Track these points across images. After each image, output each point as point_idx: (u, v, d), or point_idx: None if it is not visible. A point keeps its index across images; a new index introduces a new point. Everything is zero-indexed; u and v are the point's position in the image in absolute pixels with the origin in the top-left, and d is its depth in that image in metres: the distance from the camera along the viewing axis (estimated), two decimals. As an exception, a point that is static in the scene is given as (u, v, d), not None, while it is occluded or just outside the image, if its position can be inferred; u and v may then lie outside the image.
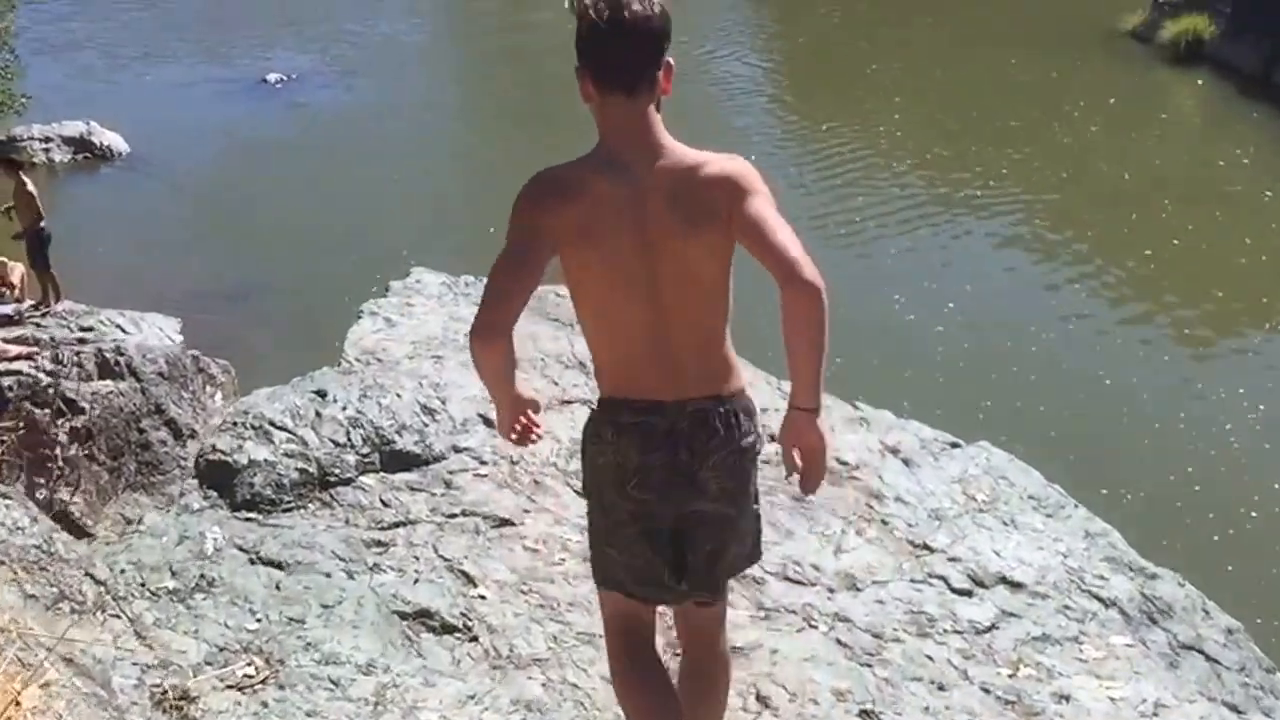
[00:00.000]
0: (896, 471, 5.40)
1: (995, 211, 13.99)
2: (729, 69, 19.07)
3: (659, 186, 2.50)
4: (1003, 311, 11.57)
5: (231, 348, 11.86)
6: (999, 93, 17.38)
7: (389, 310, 6.43)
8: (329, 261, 12.86)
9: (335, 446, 4.76)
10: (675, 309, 2.54)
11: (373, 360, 5.73)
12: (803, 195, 14.47)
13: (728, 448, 2.60)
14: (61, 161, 16.43)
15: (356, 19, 21.19)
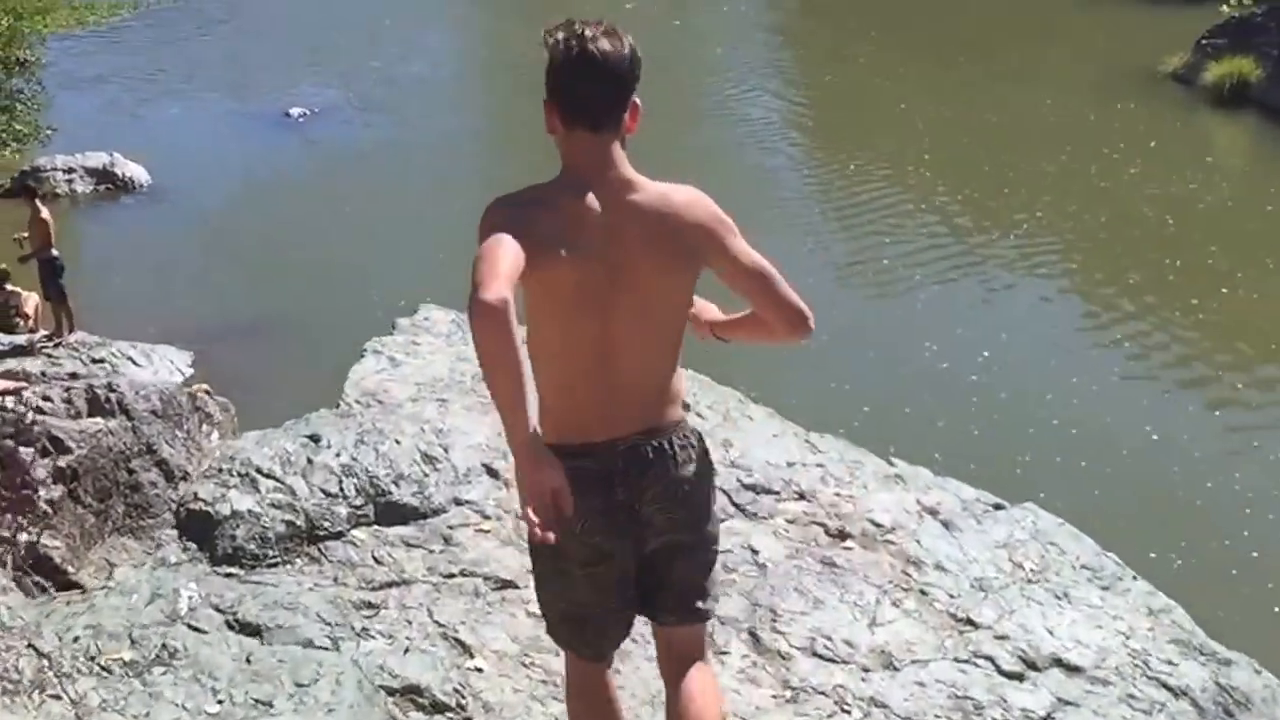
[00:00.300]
0: (936, 535, 4.97)
1: (1031, 257, 13.55)
2: (755, 108, 18.77)
3: (632, 220, 2.47)
4: (1040, 362, 11.10)
5: (241, 383, 11.58)
6: (1033, 135, 16.99)
7: (394, 349, 6.06)
8: (343, 297, 12.55)
9: (326, 497, 4.38)
10: (626, 344, 2.50)
11: (373, 402, 5.36)
12: (830, 238, 14.10)
13: (665, 479, 2.56)
14: (83, 192, 16.25)
15: (382, 56, 21.05)
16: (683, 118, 18.33)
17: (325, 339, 10.84)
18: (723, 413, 5.79)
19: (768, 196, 15.10)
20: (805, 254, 13.62)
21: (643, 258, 2.47)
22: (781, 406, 9.86)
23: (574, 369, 2.50)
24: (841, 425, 10.06)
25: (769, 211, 14.66)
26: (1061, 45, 20.74)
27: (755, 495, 5.13)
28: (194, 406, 6.38)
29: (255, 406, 10.71)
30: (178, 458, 5.92)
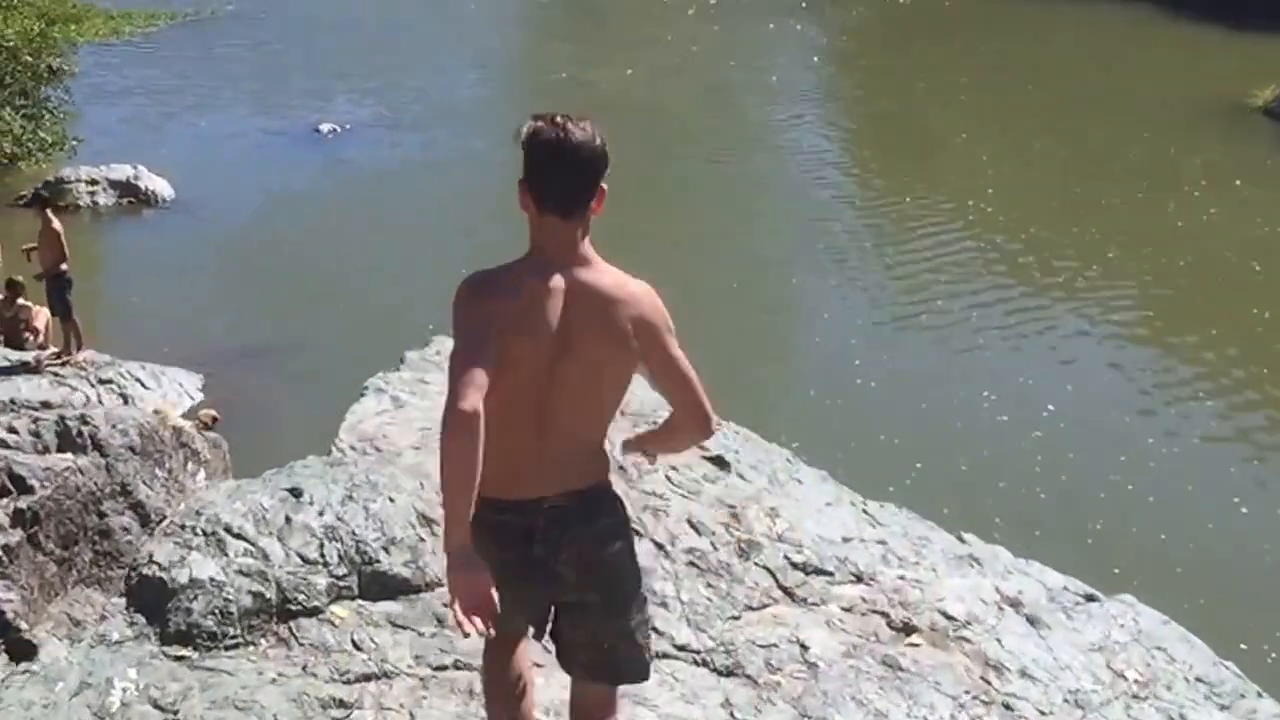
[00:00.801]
0: (1020, 633, 4.31)
1: (1102, 302, 12.82)
2: (807, 136, 18.17)
3: (586, 303, 2.68)
4: (1111, 419, 10.37)
5: (250, 410, 11.05)
6: (1106, 169, 16.25)
7: (398, 387, 5.48)
8: (362, 323, 12.04)
9: (303, 564, 3.78)
10: (563, 413, 2.71)
11: (369, 449, 4.77)
12: (883, 276, 13.43)
13: (582, 539, 2.73)
14: (106, 205, 15.88)
15: (417, 74, 20.67)
16: (732, 146, 17.78)
17: (340, 367, 10.30)
18: (769, 474, 5.16)
19: (818, 231, 14.49)
20: (856, 292, 12.99)
21: (590, 337, 2.67)
22: (828, 457, 9.23)
23: (513, 432, 2.68)
24: (892, 483, 9.41)
25: (818, 246, 14.06)
26: (1139, 73, 19.99)
27: (805, 576, 4.50)
28: (179, 443, 5.83)
29: (262, 438, 10.24)
30: (155, 500, 5.37)
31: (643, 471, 4.89)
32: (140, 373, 11.61)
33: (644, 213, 14.85)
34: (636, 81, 20.51)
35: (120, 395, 11.28)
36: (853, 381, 10.84)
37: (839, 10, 25.52)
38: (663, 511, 4.59)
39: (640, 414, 5.65)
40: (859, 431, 9.88)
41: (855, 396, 10.60)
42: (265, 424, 10.70)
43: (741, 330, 12.00)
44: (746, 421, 6.51)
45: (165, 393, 11.46)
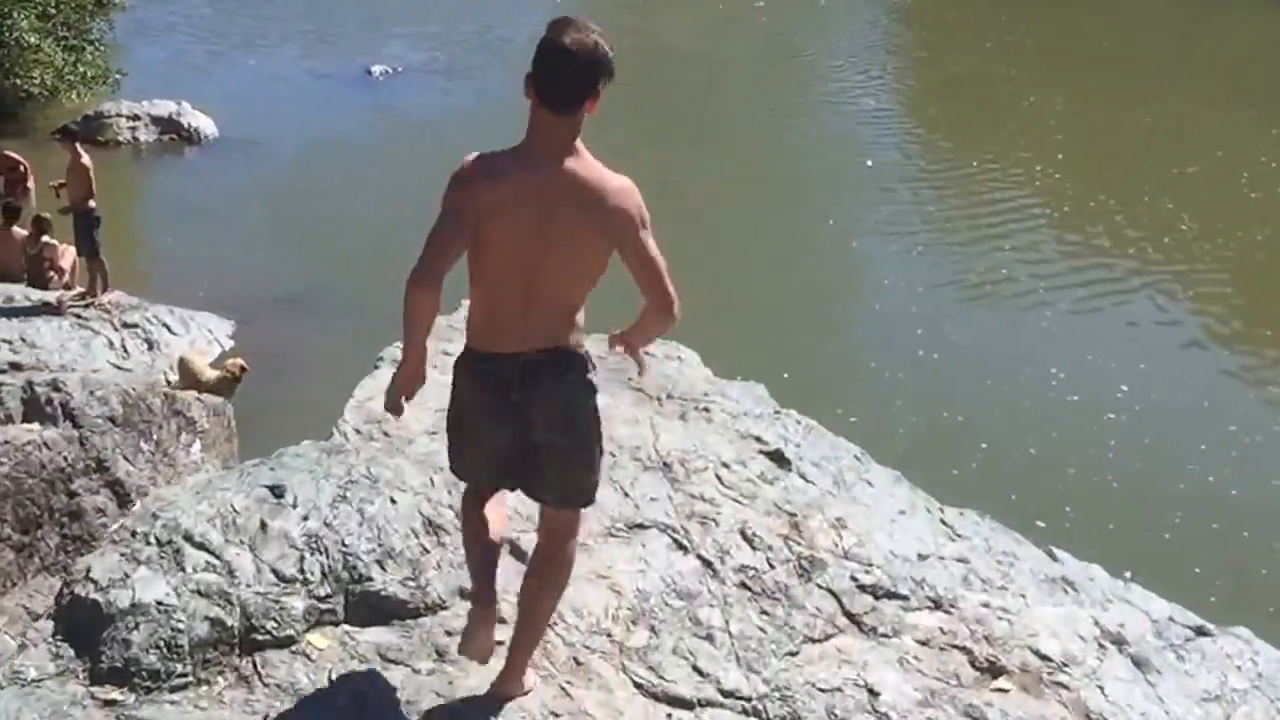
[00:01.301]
0: (1125, 680, 3.57)
1: (1173, 275, 11.88)
2: (872, 95, 17.17)
3: (568, 188, 2.98)
4: (1188, 404, 9.50)
5: (280, 361, 10.41)
6: (1178, 137, 15.20)
7: (419, 358, 4.76)
8: (401, 275, 11.33)
9: (279, 582, 3.09)
10: (547, 285, 3.03)
11: (376, 434, 4.07)
12: (946, 244, 12.54)
13: (552, 391, 3.06)
14: (147, 141, 15.25)
15: (475, 19, 19.79)
16: (794, 103, 16.84)
17: (379, 322, 9.59)
18: (834, 474, 4.41)
19: (880, 193, 13.59)
20: (918, 259, 12.11)
21: (569, 219, 2.96)
22: (888, 435, 8.50)
23: (498, 297, 3.03)
24: (957, 466, 8.65)
25: (881, 209, 13.17)
26: (1216, 41, 18.80)
27: (875, 601, 3.76)
28: (171, 411, 5.16)
29: (289, 394, 9.60)
30: (138, 477, 4.71)
31: (689, 470, 4.17)
32: (168, 317, 10.99)
33: (700, 169, 14.01)
34: (698, 33, 19.54)
35: (145, 340, 10.67)
36: (914, 353, 10.01)
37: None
38: (711, 520, 3.86)
39: (687, 396, 4.92)
40: (920, 407, 9.10)
41: (917, 369, 9.78)
42: (294, 378, 10.06)
43: (799, 295, 11.19)
44: (802, 392, 5.77)
45: (194, 339, 10.84)
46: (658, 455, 4.21)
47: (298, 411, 8.20)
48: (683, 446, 4.29)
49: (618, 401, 4.71)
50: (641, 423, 4.46)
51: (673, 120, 14.98)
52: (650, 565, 3.56)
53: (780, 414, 4.83)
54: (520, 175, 2.96)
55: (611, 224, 2.97)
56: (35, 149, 13.90)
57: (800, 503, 4.09)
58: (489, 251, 2.97)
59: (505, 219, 2.95)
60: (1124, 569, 6.76)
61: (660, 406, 4.79)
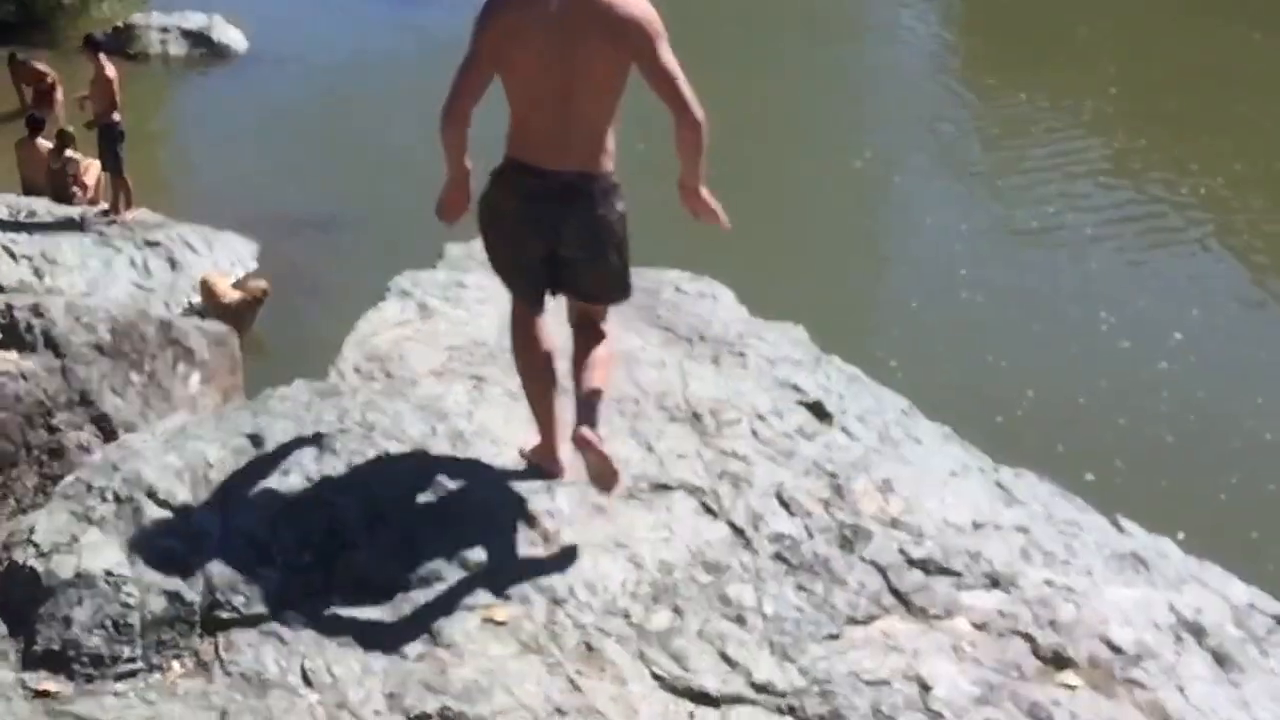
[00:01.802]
0: (1206, 679, 3.13)
1: (1227, 218, 11.20)
2: (917, 23, 16.34)
3: (587, 13, 3.12)
4: (1245, 354, 8.91)
5: (307, 285, 10.01)
6: (1237, 73, 14.33)
7: (429, 290, 4.30)
8: (430, 199, 10.84)
9: (248, 548, 2.66)
10: (576, 105, 3.19)
11: (378, 374, 3.61)
12: (991, 179, 11.89)
13: (585, 211, 3.26)
14: (176, 55, 14.74)
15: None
16: (833, 27, 16.06)
17: (408, 248, 9.13)
18: (879, 430, 3.92)
19: (924, 126, 12.90)
20: (963, 196, 11.49)
21: (588, 37, 3.14)
22: (932, 379, 7.97)
23: (534, 115, 3.24)
24: (1002, 413, 8.14)
25: (925, 143, 12.51)
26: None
27: (926, 577, 3.29)
28: (167, 339, 4.71)
29: (309, 320, 9.19)
30: (127, 411, 4.31)
31: (720, 422, 3.70)
32: (192, 236, 10.57)
33: (739, 97, 13.32)
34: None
35: (168, 260, 10.27)
36: (958, 294, 9.45)
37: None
38: (745, 481, 3.40)
39: (721, 338, 4.44)
40: (963, 351, 8.57)
41: (961, 311, 9.23)
42: (316, 305, 9.62)
43: (838, 232, 10.62)
44: (840, 334, 5.29)
45: (216, 260, 10.43)
46: (687, 405, 3.75)
47: (316, 341, 7.82)
48: (714, 395, 3.83)
49: (646, 342, 4.24)
50: (669, 366, 3.99)
51: (714, 45, 14.26)
52: (675, 533, 3.11)
53: (821, 360, 4.34)
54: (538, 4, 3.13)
55: (628, 35, 3.12)
56: (66, 60, 13.43)
57: (843, 462, 3.62)
58: (517, 74, 3.19)
59: (527, 38, 3.14)
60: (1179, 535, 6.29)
61: (691, 349, 4.31)
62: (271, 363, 9.05)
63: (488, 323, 4.11)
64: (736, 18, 15.85)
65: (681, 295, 4.81)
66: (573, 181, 3.21)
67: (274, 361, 9.11)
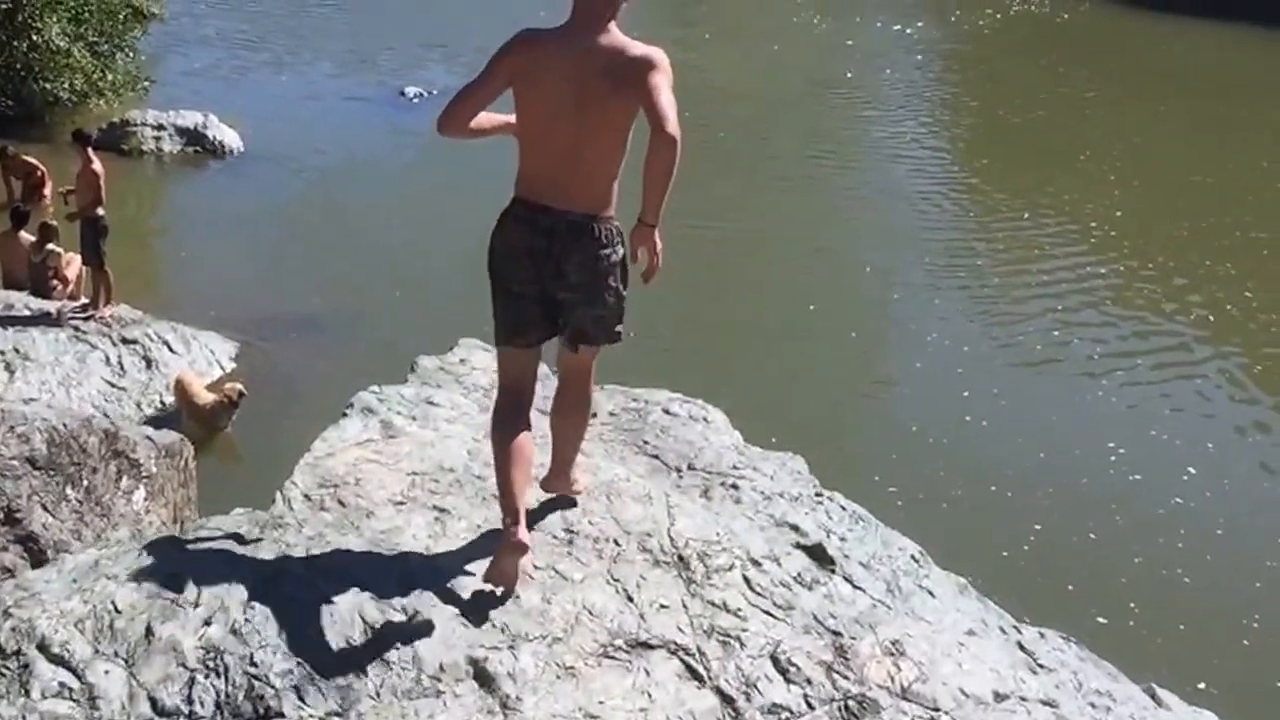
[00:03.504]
0: None
1: (1239, 347, 10.95)
2: (921, 142, 16.36)
3: (599, 58, 3.32)
4: (1265, 491, 8.58)
5: (284, 389, 9.68)
6: (1243, 198, 14.29)
7: (396, 407, 3.96)
8: (419, 307, 10.62)
9: (154, 716, 2.28)
10: (584, 147, 3.35)
11: (330, 503, 3.25)
12: (992, 299, 11.65)
13: (587, 251, 3.40)
14: (170, 152, 14.64)
15: (515, 43, 19.23)
16: (837, 145, 16.06)
17: (390, 354, 8.83)
18: (888, 579, 3.55)
19: (926, 244, 12.73)
20: (965, 316, 11.24)
21: (600, 80, 3.30)
22: (934, 510, 7.61)
23: (543, 158, 3.42)
24: (1009, 549, 7.68)
25: (926, 261, 12.31)
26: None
27: (941, 760, 2.90)
28: (111, 451, 4.38)
29: (281, 424, 8.82)
30: (59, 531, 3.95)
31: (710, 567, 3.33)
32: (169, 335, 10.26)
33: (740, 210, 13.23)
34: (740, 68, 18.87)
35: (144, 358, 9.95)
36: (961, 420, 9.12)
37: (962, 13, 23.62)
38: (736, 639, 3.02)
39: (712, 468, 4.09)
40: (966, 480, 8.21)
41: (964, 438, 8.90)
42: (296, 406, 9.28)
43: (838, 350, 10.35)
44: (839, 457, 4.94)
45: (193, 359, 10.10)
46: (673, 546, 3.38)
47: (290, 446, 7.47)
48: (704, 535, 3.47)
49: (630, 471, 3.89)
50: (655, 501, 3.63)
51: (715, 158, 14.22)
52: (655, 701, 2.73)
53: (822, 497, 3.99)
54: (557, 44, 3.35)
55: (634, 74, 3.25)
56: (59, 155, 13.32)
57: (847, 617, 3.25)
58: (531, 111, 3.38)
59: (543, 81, 3.32)
60: (1209, 689, 5.86)
61: (680, 479, 3.96)
62: (241, 468, 8.68)
63: (457, 445, 3.77)
64: (742, 131, 15.86)
65: (671, 418, 4.48)
66: (579, 221, 3.36)
67: (244, 465, 8.73)
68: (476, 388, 4.32)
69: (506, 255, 3.44)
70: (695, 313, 10.64)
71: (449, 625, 2.73)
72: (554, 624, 2.79)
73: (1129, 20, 23.05)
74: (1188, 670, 6.03)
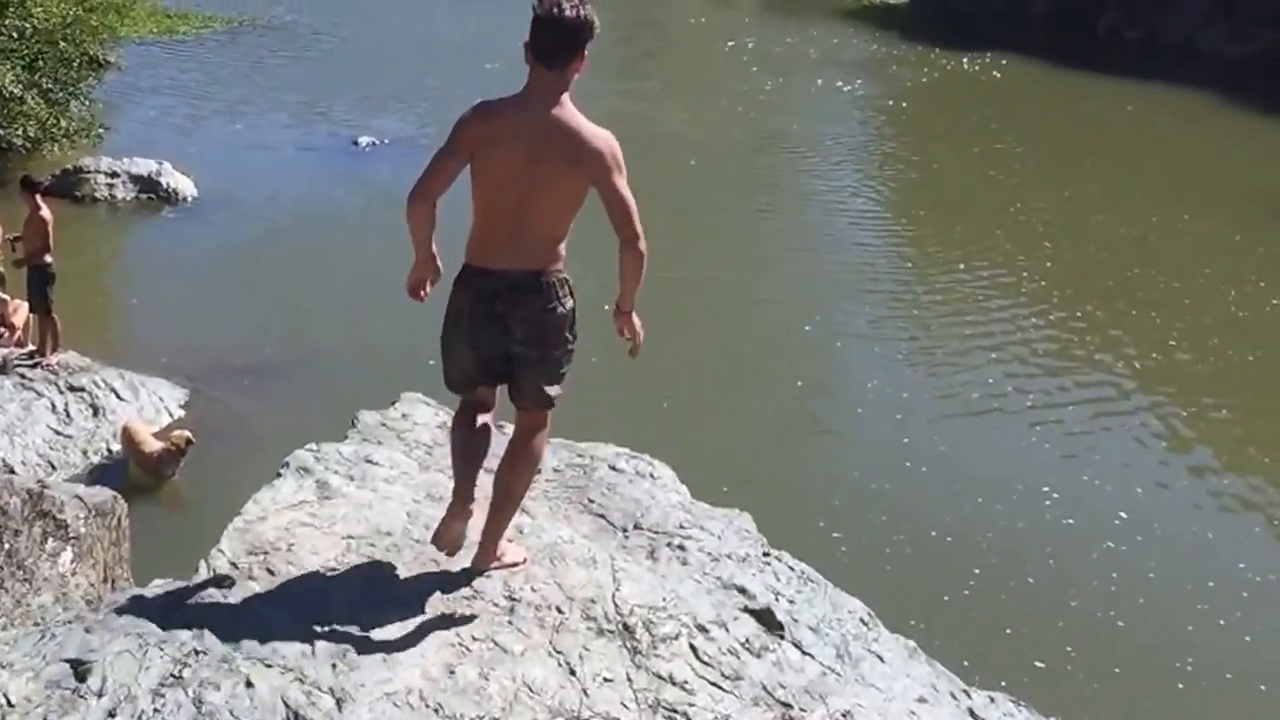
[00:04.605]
0: None
1: (1167, 395, 10.94)
2: (859, 195, 16.35)
3: (554, 131, 3.41)
4: (1193, 534, 8.50)
5: (230, 436, 9.33)
6: (1164, 251, 14.42)
7: (333, 465, 3.71)
8: (370, 354, 10.34)
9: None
10: (532, 213, 3.46)
11: (258, 571, 3.00)
12: (930, 348, 11.57)
13: (532, 307, 3.50)
14: (124, 199, 14.26)
15: (469, 96, 19.07)
16: (779, 198, 16.06)
17: (341, 402, 8.52)
18: (837, 644, 3.35)
19: (865, 294, 12.67)
20: (900, 365, 11.15)
21: (553, 156, 3.40)
22: (876, 556, 7.46)
23: (492, 222, 3.52)
24: (946, 592, 7.47)
25: (865, 310, 12.25)
26: (1205, 161, 18.21)
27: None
28: (36, 511, 4.09)
29: (230, 472, 8.49)
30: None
31: (655, 637, 3.11)
32: (117, 382, 9.87)
33: (683, 260, 13.13)
34: (687, 121, 18.86)
35: (91, 406, 9.56)
36: (901, 464, 8.99)
37: (899, 70, 23.88)
38: (682, 715, 2.80)
39: (659, 528, 3.88)
40: (907, 525, 8.06)
41: (903, 482, 8.76)
42: (245, 453, 8.95)
43: (783, 399, 10.21)
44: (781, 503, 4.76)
45: (141, 407, 9.73)
46: (617, 614, 3.16)
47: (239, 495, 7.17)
48: (650, 601, 3.25)
49: (575, 532, 3.67)
50: (600, 565, 3.41)
51: (662, 209, 14.11)
52: (597, 787, 2.49)
53: (770, 557, 3.79)
54: (514, 115, 3.42)
55: (588, 162, 3.38)
56: (9, 201, 12.93)
57: (796, 687, 3.04)
58: (484, 179, 3.46)
59: (498, 150, 3.40)
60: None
61: (626, 539, 3.75)
62: (186, 518, 8.32)
63: (396, 507, 3.53)
64: (690, 182, 15.80)
65: (618, 474, 4.27)
66: (519, 279, 3.45)
67: (190, 515, 8.38)
68: (418, 445, 4.09)
69: (450, 320, 3.59)
70: (640, 363, 10.41)
71: (379, 708, 2.49)
72: (492, 702, 2.56)
73: (1055, 80, 23.43)
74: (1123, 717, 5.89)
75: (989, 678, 6.06)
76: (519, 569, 3.27)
